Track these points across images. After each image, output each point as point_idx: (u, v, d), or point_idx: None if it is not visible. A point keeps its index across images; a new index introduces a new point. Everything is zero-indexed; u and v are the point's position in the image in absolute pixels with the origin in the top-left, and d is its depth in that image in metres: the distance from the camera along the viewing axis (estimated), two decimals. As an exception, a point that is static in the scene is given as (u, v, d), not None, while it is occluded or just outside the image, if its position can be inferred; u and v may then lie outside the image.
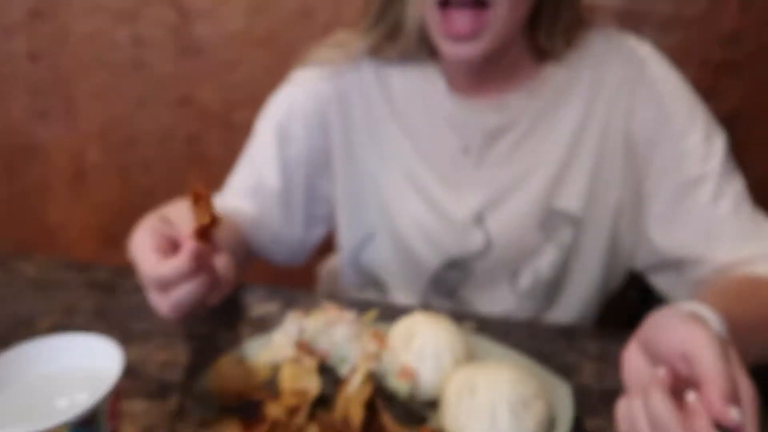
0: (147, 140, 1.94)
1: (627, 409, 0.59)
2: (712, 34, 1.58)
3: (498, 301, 1.08)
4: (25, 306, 0.99)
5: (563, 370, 0.87)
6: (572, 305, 1.10)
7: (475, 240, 1.04)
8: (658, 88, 0.96)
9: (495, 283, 1.07)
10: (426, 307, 1.08)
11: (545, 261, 1.04)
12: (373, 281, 1.15)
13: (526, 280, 1.06)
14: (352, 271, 1.16)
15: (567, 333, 0.97)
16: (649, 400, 0.55)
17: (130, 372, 0.84)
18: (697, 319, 0.59)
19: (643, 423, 0.56)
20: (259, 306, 1.02)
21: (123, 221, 1.01)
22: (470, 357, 0.81)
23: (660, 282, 0.99)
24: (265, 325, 0.97)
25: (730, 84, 1.61)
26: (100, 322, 0.97)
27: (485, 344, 0.87)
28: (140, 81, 1.88)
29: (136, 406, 0.79)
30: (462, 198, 1.03)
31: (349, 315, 0.82)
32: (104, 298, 1.02)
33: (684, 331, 0.57)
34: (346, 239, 1.15)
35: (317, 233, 1.15)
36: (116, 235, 1.32)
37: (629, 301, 1.51)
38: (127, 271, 0.97)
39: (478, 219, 1.02)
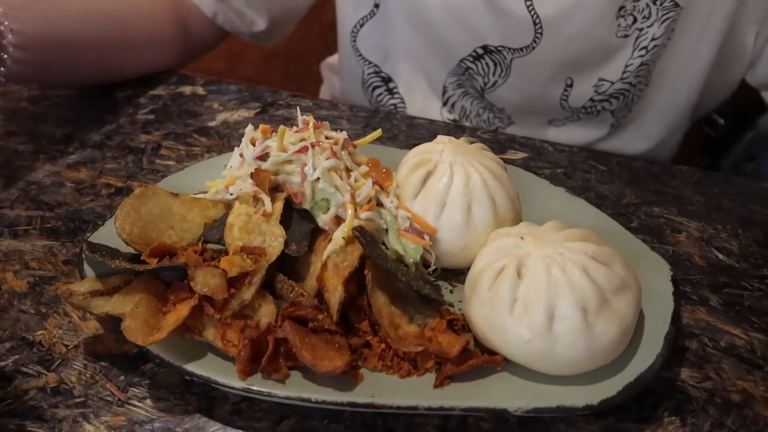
0: None
1: None
2: None
3: (541, 112, 0.80)
4: None
5: (652, 231, 0.60)
6: (648, 132, 0.83)
7: (515, 25, 0.71)
8: None
9: (539, 93, 0.78)
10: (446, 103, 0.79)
11: (615, 68, 0.73)
12: (379, 76, 0.85)
13: (582, 93, 0.76)
14: (351, 59, 0.86)
15: (650, 173, 0.68)
16: None
17: (29, 196, 0.59)
18: None
19: None
20: (226, 111, 0.74)
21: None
22: (518, 212, 0.53)
23: None
24: (230, 142, 0.69)
25: None
26: None
27: (542, 191, 0.59)
28: None
29: (36, 245, 0.55)
30: None
31: (336, 135, 0.53)
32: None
33: None
34: (343, 12, 0.85)
35: None
36: None
37: (712, 128, 1.21)
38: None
39: None
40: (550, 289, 0.42)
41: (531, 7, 0.70)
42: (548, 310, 0.42)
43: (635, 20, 0.71)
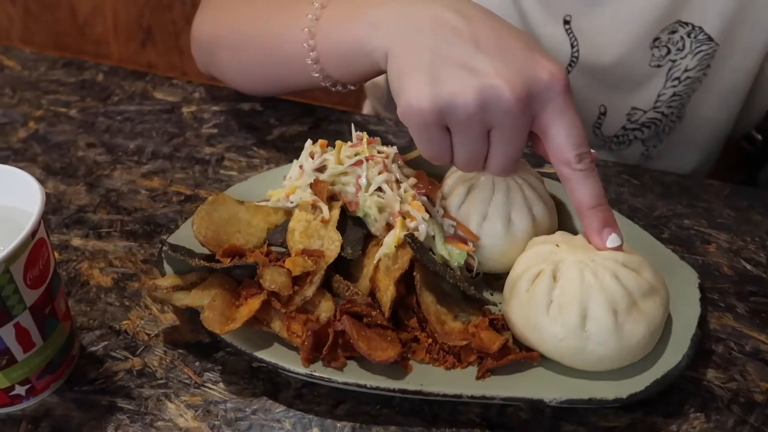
0: None
1: None
2: None
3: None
4: None
5: (682, 242, 0.63)
6: (680, 162, 0.85)
7: (553, 46, 0.75)
8: None
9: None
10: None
11: (647, 97, 0.76)
12: None
13: (615, 121, 0.80)
14: None
15: (682, 186, 0.71)
16: None
17: (109, 202, 0.66)
18: None
19: None
20: (282, 126, 0.80)
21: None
22: (554, 222, 0.57)
23: None
24: (286, 154, 0.75)
25: None
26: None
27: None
28: None
29: (118, 245, 0.62)
30: None
31: (387, 149, 0.58)
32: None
33: None
34: None
35: None
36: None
37: (750, 143, 1.22)
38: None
39: (564, 17, 0.74)
40: (583, 291, 0.46)
41: (570, 31, 0.74)
42: (581, 310, 0.46)
43: (669, 51, 0.74)
